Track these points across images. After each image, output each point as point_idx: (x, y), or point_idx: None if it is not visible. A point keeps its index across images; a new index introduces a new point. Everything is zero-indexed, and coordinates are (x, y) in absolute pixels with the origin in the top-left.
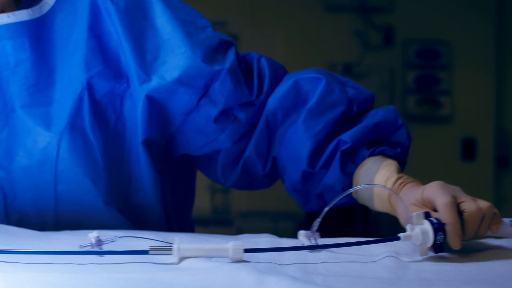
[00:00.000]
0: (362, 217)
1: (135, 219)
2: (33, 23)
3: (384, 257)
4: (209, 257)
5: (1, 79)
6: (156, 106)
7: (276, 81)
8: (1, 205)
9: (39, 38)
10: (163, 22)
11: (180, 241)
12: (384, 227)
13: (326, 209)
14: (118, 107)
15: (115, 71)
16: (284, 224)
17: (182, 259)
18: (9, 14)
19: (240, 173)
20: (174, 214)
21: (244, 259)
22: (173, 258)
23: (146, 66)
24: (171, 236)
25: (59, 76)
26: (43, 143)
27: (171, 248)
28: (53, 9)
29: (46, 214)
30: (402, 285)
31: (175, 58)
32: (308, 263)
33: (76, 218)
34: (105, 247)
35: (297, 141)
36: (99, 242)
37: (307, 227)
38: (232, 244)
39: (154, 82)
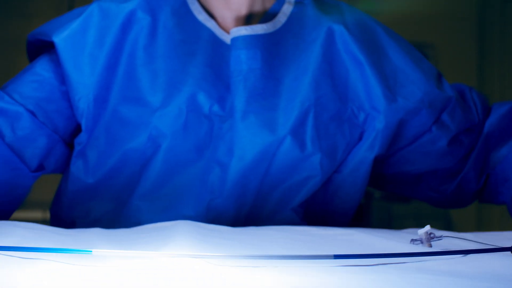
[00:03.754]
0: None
1: (313, 221)
2: (265, 37)
3: None
4: None
5: (233, 83)
6: (397, 126)
7: (485, 109)
8: (205, 202)
9: (269, 51)
10: (393, 52)
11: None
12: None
13: None
14: (347, 135)
15: (340, 96)
16: None
17: None
18: (246, 27)
19: (454, 187)
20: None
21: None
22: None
23: (390, 88)
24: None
25: (285, 88)
26: (262, 145)
27: None
28: (284, 26)
29: (241, 213)
30: None
31: (412, 83)
32: None
33: (258, 218)
34: (433, 244)
35: None
36: (428, 238)
37: None
38: None
39: (401, 102)
